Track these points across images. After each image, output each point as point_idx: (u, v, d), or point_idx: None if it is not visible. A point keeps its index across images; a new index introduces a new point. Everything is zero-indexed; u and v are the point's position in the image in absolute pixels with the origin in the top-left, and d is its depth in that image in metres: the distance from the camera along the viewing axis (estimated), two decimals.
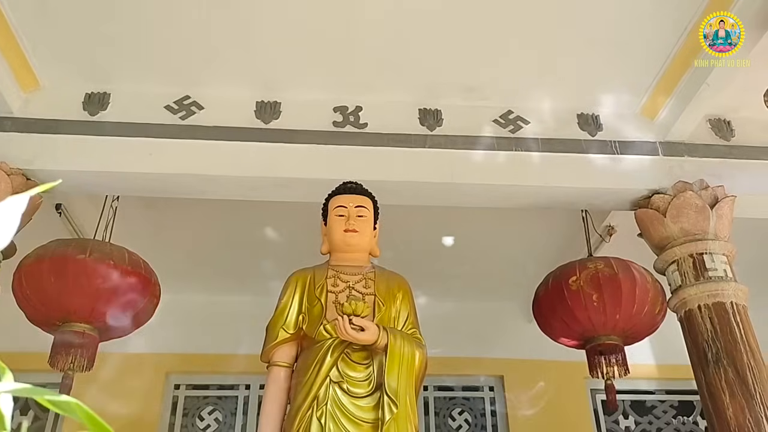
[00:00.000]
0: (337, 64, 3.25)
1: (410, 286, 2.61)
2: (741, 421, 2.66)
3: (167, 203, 3.70)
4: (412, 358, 2.28)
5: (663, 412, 5.00)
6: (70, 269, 2.90)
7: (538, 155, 3.33)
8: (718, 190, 3.20)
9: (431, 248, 4.47)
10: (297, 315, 2.45)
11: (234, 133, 3.23)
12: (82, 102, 3.27)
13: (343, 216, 2.55)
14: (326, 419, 2.16)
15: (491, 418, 4.90)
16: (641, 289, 3.19)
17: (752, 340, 2.85)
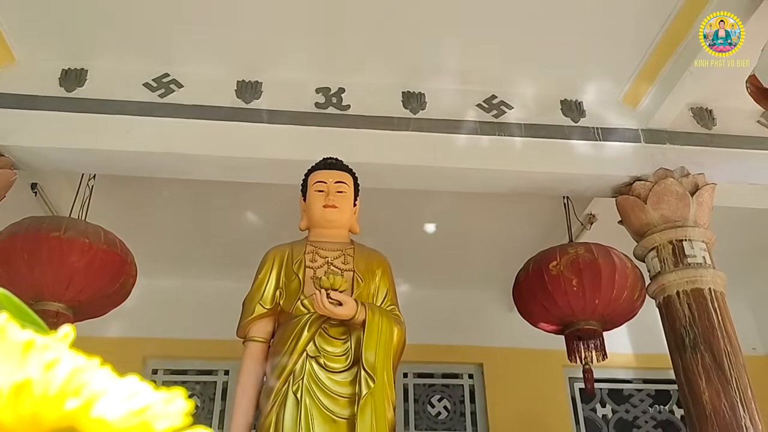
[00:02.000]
0: (320, 44, 3.21)
1: (389, 264, 2.59)
2: (717, 405, 2.68)
3: (145, 183, 3.64)
4: (390, 333, 2.26)
5: (640, 401, 5.04)
6: (44, 247, 2.84)
7: (521, 140, 3.32)
8: (698, 177, 3.21)
9: (412, 235, 4.45)
10: (274, 290, 2.42)
11: (214, 112, 3.19)
12: (59, 78, 3.20)
13: (323, 192, 2.51)
14: (302, 393, 2.14)
15: (470, 405, 4.90)
16: (621, 275, 3.20)
17: (729, 326, 2.87)
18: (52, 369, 0.19)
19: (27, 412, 0.18)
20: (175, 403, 0.21)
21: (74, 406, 0.19)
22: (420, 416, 4.83)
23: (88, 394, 0.20)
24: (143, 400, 0.20)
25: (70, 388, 0.19)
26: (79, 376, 0.20)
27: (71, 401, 0.19)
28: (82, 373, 0.20)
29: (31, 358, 0.20)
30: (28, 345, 0.20)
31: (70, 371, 0.20)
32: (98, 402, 0.20)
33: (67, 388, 0.19)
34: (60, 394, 0.19)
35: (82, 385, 0.20)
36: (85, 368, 0.20)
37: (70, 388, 0.19)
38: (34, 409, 0.18)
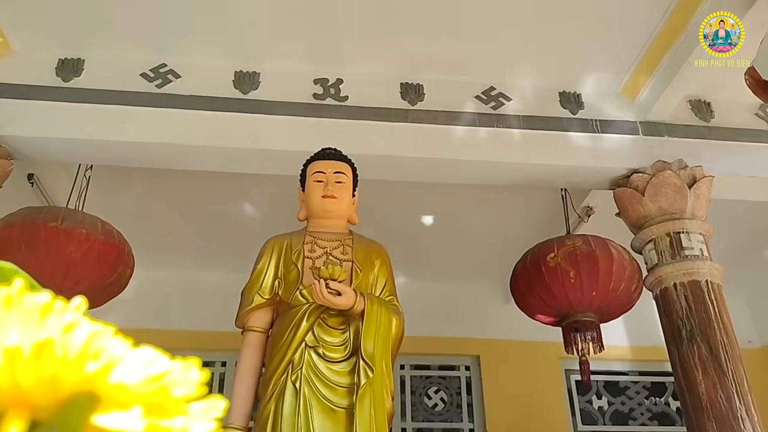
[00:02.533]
0: (318, 35, 3.20)
1: (388, 254, 2.59)
2: (713, 396, 2.69)
3: (142, 174, 3.64)
4: (388, 323, 2.26)
5: (636, 393, 5.06)
6: (41, 237, 2.83)
7: (519, 132, 3.32)
8: (696, 170, 3.21)
9: (409, 227, 4.45)
10: (273, 280, 2.42)
11: (211, 102, 3.18)
12: (55, 68, 3.19)
13: (322, 182, 2.51)
14: (301, 383, 2.14)
15: (467, 396, 4.92)
16: (618, 267, 3.21)
17: (726, 318, 2.88)
18: (71, 332, 0.19)
19: (47, 374, 0.18)
20: (192, 371, 0.21)
21: (94, 369, 0.19)
22: (417, 408, 4.84)
23: (107, 359, 0.20)
24: (161, 366, 0.20)
25: (89, 351, 0.19)
26: (97, 341, 0.20)
27: (91, 364, 0.19)
28: (100, 338, 0.20)
29: (50, 320, 0.19)
30: (46, 307, 0.19)
31: (88, 335, 0.20)
32: (117, 367, 0.20)
33: (86, 351, 0.19)
34: (79, 357, 0.19)
35: (101, 349, 0.20)
36: (103, 333, 0.20)
37: (89, 352, 0.19)
38: (54, 371, 0.18)
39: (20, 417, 0.18)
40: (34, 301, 0.20)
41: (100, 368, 0.19)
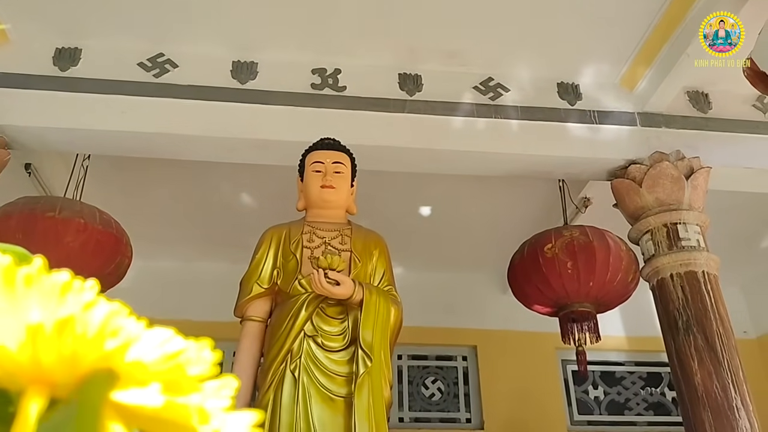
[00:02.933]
0: (316, 25, 3.19)
1: (386, 244, 2.59)
2: (708, 386, 2.71)
3: (140, 164, 3.63)
4: (387, 313, 2.27)
5: (632, 383, 5.09)
6: (38, 227, 2.83)
7: (517, 123, 3.32)
8: (693, 161, 3.22)
9: (407, 217, 4.46)
10: (271, 270, 2.42)
11: (209, 92, 3.17)
12: (53, 57, 3.17)
13: (320, 172, 2.51)
14: (300, 372, 2.15)
15: (464, 387, 4.94)
16: (615, 258, 3.22)
17: (722, 308, 2.89)
18: (91, 310, 0.20)
19: (68, 352, 0.18)
20: (205, 351, 0.21)
21: (113, 347, 0.19)
22: (414, 398, 4.87)
23: (125, 337, 0.20)
24: (176, 345, 0.21)
25: (107, 329, 0.20)
26: (115, 319, 0.20)
27: (110, 342, 0.19)
28: (117, 317, 0.20)
29: (70, 298, 0.20)
30: (66, 286, 0.20)
31: (107, 313, 0.20)
32: (134, 345, 0.20)
33: (105, 329, 0.20)
34: (99, 334, 0.19)
35: (119, 328, 0.20)
36: (120, 312, 0.21)
37: (107, 330, 0.20)
38: (75, 348, 0.19)
39: (40, 394, 0.18)
40: (53, 279, 0.20)
41: (119, 346, 0.19)
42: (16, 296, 0.19)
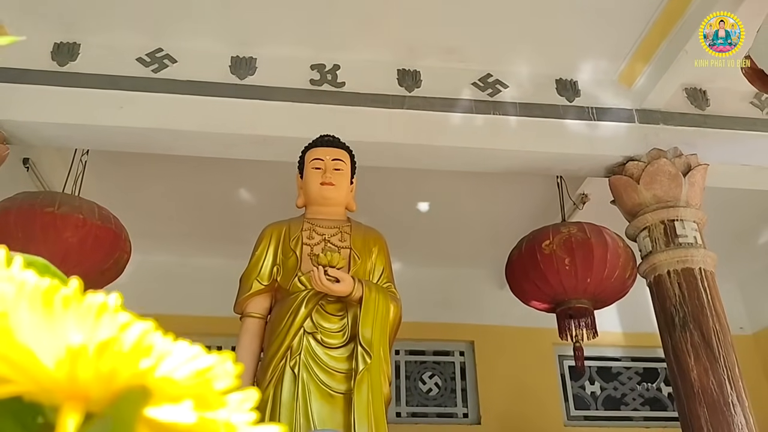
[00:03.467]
0: (315, 21, 3.19)
1: (386, 241, 2.60)
2: (704, 382, 2.73)
3: (138, 159, 3.63)
4: (386, 310, 2.28)
5: (628, 378, 5.12)
6: (37, 222, 2.83)
7: (516, 119, 3.32)
8: (691, 158, 3.23)
9: (405, 213, 4.47)
10: (271, 266, 2.43)
11: (208, 87, 3.17)
12: (51, 52, 3.17)
13: (320, 169, 2.51)
14: (299, 369, 2.16)
15: (461, 382, 4.96)
16: (612, 254, 3.23)
17: (718, 305, 2.91)
18: (126, 330, 0.20)
19: (106, 370, 0.19)
20: (228, 364, 0.22)
21: (147, 366, 0.20)
22: (411, 393, 4.88)
23: (157, 354, 0.21)
24: (205, 361, 0.21)
25: (141, 348, 0.20)
26: (147, 338, 0.21)
27: (145, 360, 0.20)
28: (149, 335, 0.21)
29: (106, 319, 0.20)
30: (102, 307, 0.21)
31: (140, 333, 0.21)
32: (164, 362, 0.21)
33: (139, 348, 0.20)
34: (133, 353, 0.20)
35: (151, 345, 0.21)
36: (151, 330, 0.21)
37: (141, 348, 0.20)
38: (112, 367, 0.19)
39: (77, 409, 0.19)
40: (90, 300, 0.21)
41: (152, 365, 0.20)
42: (54, 317, 0.20)
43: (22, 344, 0.19)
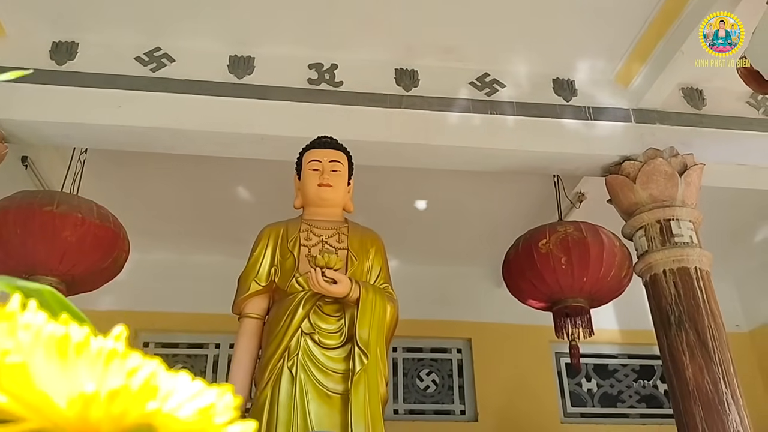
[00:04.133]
0: (313, 20, 3.19)
1: (383, 242, 2.62)
2: (700, 381, 2.75)
3: (137, 158, 3.64)
4: (383, 311, 2.30)
5: (624, 376, 5.14)
6: (36, 221, 2.84)
7: (513, 119, 3.33)
8: (687, 157, 3.24)
9: (402, 211, 4.48)
10: (269, 267, 2.44)
11: (206, 87, 3.18)
12: (50, 51, 3.18)
13: (318, 170, 2.52)
14: (297, 369, 2.17)
15: (458, 379, 4.99)
16: (609, 253, 3.25)
17: (714, 304, 2.93)
18: (135, 376, 0.22)
19: (116, 412, 0.20)
20: (226, 397, 0.23)
21: (154, 407, 0.21)
22: (409, 390, 4.91)
23: (163, 395, 0.22)
24: (207, 399, 0.23)
25: (148, 389, 0.22)
26: (154, 379, 0.22)
27: (152, 403, 0.21)
28: (156, 377, 0.22)
29: (116, 365, 0.22)
30: (112, 353, 0.22)
31: (148, 375, 0.22)
32: (169, 400, 0.22)
33: (146, 390, 0.22)
34: (141, 395, 0.21)
35: (157, 387, 0.22)
36: (157, 372, 0.23)
37: (148, 390, 0.22)
38: (123, 408, 0.21)
39: None
40: (100, 346, 0.22)
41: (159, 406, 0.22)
42: (67, 363, 0.21)
43: (39, 389, 0.20)
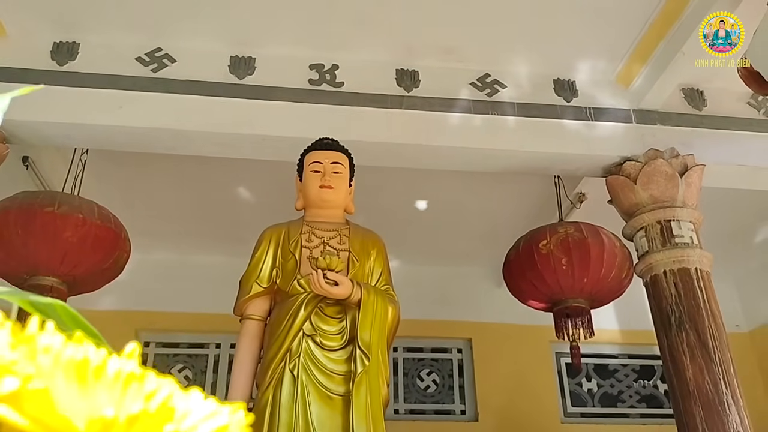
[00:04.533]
0: (313, 21, 3.20)
1: (384, 244, 2.62)
2: (700, 382, 2.75)
3: (138, 158, 3.64)
4: (384, 312, 2.30)
5: (625, 376, 5.15)
6: (37, 221, 2.85)
7: (514, 119, 3.34)
8: (688, 158, 3.25)
9: (403, 212, 4.49)
10: (271, 269, 2.45)
11: (207, 87, 3.18)
12: (50, 51, 3.18)
13: (319, 172, 2.53)
14: (299, 371, 2.18)
15: (459, 379, 4.99)
16: (609, 254, 3.25)
17: (714, 305, 2.93)
18: (153, 398, 0.22)
19: None
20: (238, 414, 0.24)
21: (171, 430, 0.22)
22: (409, 389, 4.91)
23: (179, 416, 0.22)
24: (222, 419, 0.23)
25: (165, 411, 0.22)
26: (171, 401, 0.22)
27: (169, 426, 0.22)
28: (172, 398, 0.23)
29: (134, 388, 0.22)
30: (129, 378, 0.22)
31: (164, 398, 0.22)
32: (185, 422, 0.22)
33: (163, 412, 0.22)
34: (158, 417, 0.22)
35: (174, 408, 0.22)
36: (173, 393, 0.23)
37: (165, 412, 0.22)
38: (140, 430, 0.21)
39: None
40: (117, 369, 0.22)
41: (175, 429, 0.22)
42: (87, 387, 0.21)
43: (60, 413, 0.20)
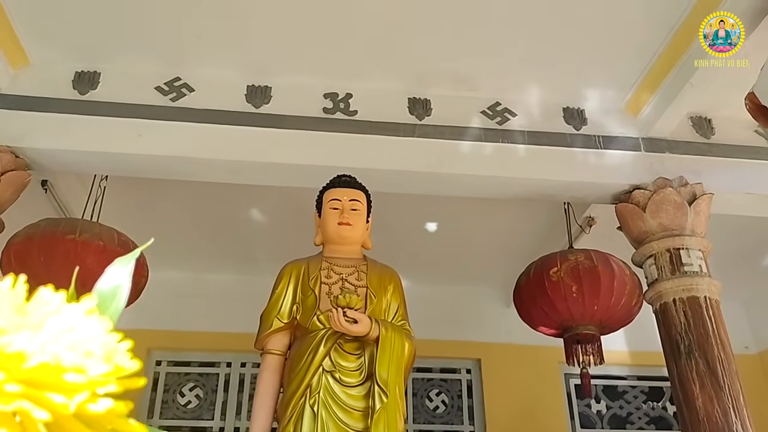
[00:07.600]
0: (328, 50, 3.26)
1: (400, 278, 2.68)
2: (710, 411, 2.78)
3: (155, 184, 3.71)
4: (401, 349, 2.36)
5: (634, 397, 5.16)
6: (60, 249, 2.91)
7: (524, 147, 3.39)
8: (696, 187, 3.29)
9: (414, 232, 4.54)
10: (291, 305, 2.51)
11: (224, 116, 3.24)
12: (72, 80, 3.25)
13: (338, 209, 2.60)
14: (318, 407, 2.23)
15: (468, 399, 5.02)
16: (619, 282, 3.29)
17: (723, 333, 2.96)
18: None
19: None
20: None
21: None
22: (418, 410, 4.94)
23: None
24: None
25: None
26: None
27: None
28: None
29: None
30: None
31: None
32: None
33: None
34: None
35: None
36: None
37: None
38: None
39: None
40: None
41: None
42: None
43: None
